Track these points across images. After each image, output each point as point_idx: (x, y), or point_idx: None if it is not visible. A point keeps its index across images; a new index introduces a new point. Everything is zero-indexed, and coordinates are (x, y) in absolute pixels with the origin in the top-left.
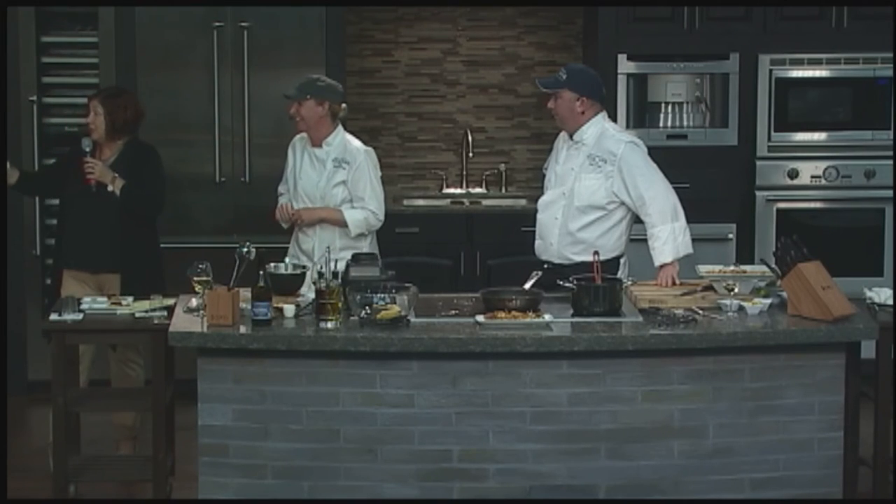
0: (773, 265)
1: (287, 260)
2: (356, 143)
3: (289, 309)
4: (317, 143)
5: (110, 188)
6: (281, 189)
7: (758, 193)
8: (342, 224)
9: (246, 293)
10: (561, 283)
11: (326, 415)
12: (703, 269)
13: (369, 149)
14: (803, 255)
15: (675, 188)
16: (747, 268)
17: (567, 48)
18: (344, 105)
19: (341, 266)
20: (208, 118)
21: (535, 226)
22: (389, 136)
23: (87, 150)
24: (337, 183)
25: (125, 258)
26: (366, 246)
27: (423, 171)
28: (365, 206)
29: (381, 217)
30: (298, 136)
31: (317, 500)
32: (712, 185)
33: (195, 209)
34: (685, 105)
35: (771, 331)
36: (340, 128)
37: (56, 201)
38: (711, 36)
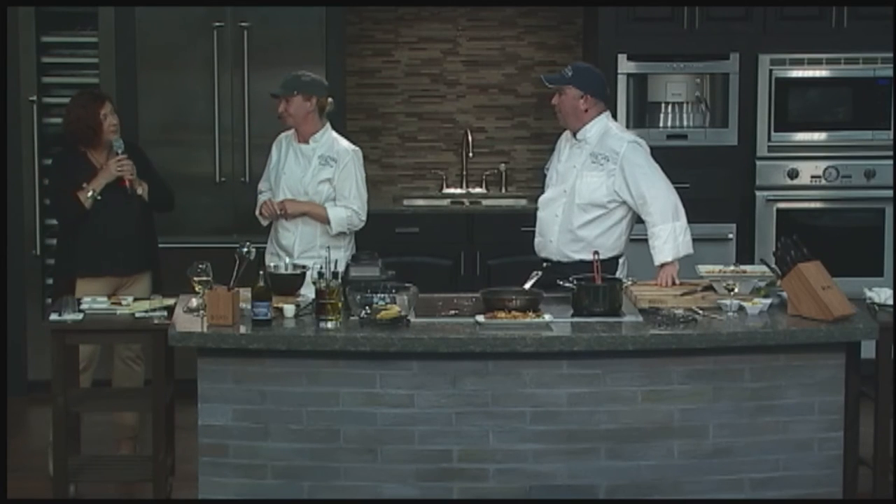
0: (773, 265)
1: (268, 258)
2: (344, 142)
3: (289, 309)
4: (304, 140)
5: (139, 190)
6: (261, 186)
7: (758, 193)
8: (324, 220)
9: (246, 293)
10: (561, 282)
11: (326, 415)
12: (703, 269)
13: (357, 149)
14: (803, 255)
15: (675, 188)
16: (747, 268)
17: (567, 48)
18: (330, 99)
19: (317, 267)
20: (208, 118)
21: (535, 225)
22: (389, 136)
23: (120, 151)
24: (322, 180)
25: (153, 258)
26: (345, 246)
27: (423, 171)
28: (348, 206)
29: (364, 217)
30: (284, 134)
31: (317, 500)
32: (712, 185)
33: (195, 209)
34: (685, 105)
35: (771, 331)
36: (328, 125)
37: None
38: (711, 36)
